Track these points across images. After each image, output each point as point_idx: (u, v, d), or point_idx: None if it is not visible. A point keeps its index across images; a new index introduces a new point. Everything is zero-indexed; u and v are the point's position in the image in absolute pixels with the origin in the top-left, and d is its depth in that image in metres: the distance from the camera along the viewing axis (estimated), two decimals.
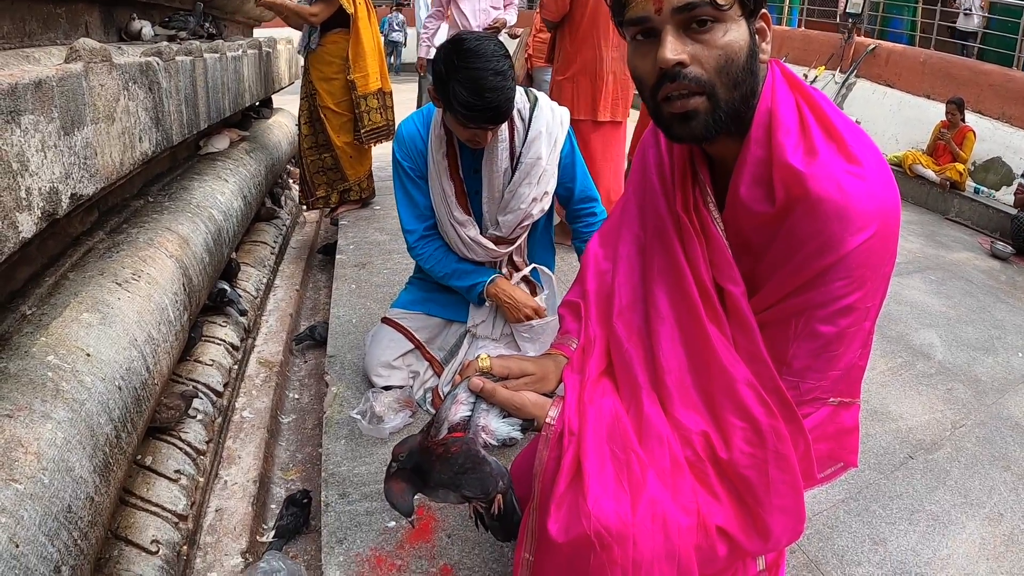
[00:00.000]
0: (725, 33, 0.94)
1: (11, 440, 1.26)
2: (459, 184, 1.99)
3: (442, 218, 2.04)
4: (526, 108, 1.93)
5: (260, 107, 4.61)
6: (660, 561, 1.02)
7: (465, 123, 1.73)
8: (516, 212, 1.96)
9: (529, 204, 1.96)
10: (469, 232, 2.01)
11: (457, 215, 2.00)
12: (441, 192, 1.99)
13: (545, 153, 1.93)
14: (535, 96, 1.98)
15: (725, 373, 1.07)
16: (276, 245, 3.82)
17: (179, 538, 1.75)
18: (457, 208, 1.99)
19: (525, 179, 1.94)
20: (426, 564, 1.62)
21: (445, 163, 1.97)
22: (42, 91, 1.40)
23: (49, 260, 1.89)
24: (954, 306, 3.59)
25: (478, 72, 1.64)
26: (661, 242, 1.19)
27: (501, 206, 1.99)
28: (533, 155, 1.92)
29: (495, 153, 1.91)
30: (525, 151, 1.92)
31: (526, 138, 1.92)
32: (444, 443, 1.14)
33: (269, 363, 2.75)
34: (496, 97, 1.66)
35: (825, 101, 1.04)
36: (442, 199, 2.00)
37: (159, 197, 2.55)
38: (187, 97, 2.41)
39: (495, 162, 1.92)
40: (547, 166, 1.95)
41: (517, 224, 1.99)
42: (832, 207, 0.94)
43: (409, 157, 2.03)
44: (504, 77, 1.67)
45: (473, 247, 2.03)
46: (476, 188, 2.01)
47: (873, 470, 2.09)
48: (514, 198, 1.95)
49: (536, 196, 1.96)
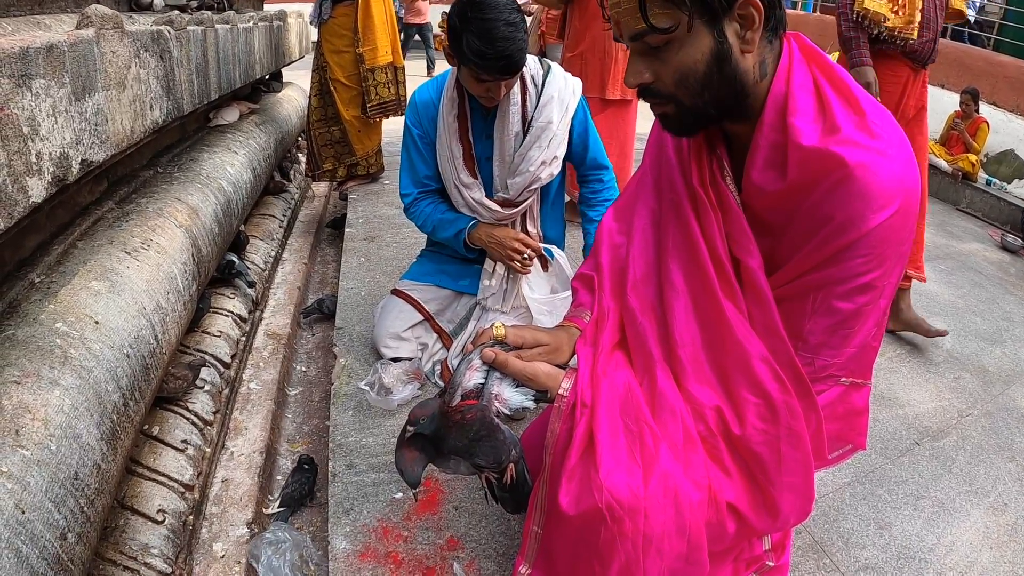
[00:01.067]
0: (679, 51, 0.99)
1: (18, 406, 1.26)
2: (468, 147, 2.01)
3: (448, 180, 2.05)
4: (539, 74, 1.96)
5: (270, 80, 4.59)
6: (671, 536, 1.02)
7: (478, 74, 1.75)
8: (525, 175, 1.97)
9: (538, 167, 1.97)
10: (474, 195, 2.02)
11: (463, 177, 2.01)
12: (449, 154, 2.01)
13: (556, 118, 1.95)
14: (548, 64, 2.00)
15: (740, 348, 1.06)
16: (285, 218, 3.81)
17: (185, 508, 1.76)
18: (464, 171, 2.01)
19: (535, 142, 1.95)
20: (433, 536, 1.62)
21: (456, 125, 1.98)
22: (53, 56, 1.39)
23: (58, 229, 1.89)
24: (963, 296, 3.57)
25: (491, 22, 1.67)
26: (676, 216, 1.19)
27: (511, 169, 2.00)
28: (544, 119, 1.95)
29: (507, 116, 1.93)
30: (537, 115, 1.95)
31: (538, 103, 1.95)
32: (460, 410, 1.13)
33: (277, 335, 2.75)
34: (508, 46, 1.69)
35: (846, 75, 1.03)
36: (449, 160, 2.01)
37: (168, 168, 2.54)
38: (198, 67, 2.39)
39: (507, 125, 1.95)
40: (557, 131, 1.97)
41: (525, 187, 2.00)
42: (856, 184, 0.94)
43: (419, 124, 2.05)
44: (516, 28, 1.70)
45: (478, 209, 2.04)
46: (487, 154, 2.02)
47: (879, 455, 2.09)
48: (524, 161, 1.97)
49: (545, 160, 1.97)
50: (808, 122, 0.99)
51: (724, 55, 0.98)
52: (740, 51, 0.99)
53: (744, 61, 1.00)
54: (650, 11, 0.95)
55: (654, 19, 0.96)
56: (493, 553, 1.58)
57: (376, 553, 1.57)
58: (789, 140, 0.99)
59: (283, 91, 4.64)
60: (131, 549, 1.56)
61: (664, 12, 0.95)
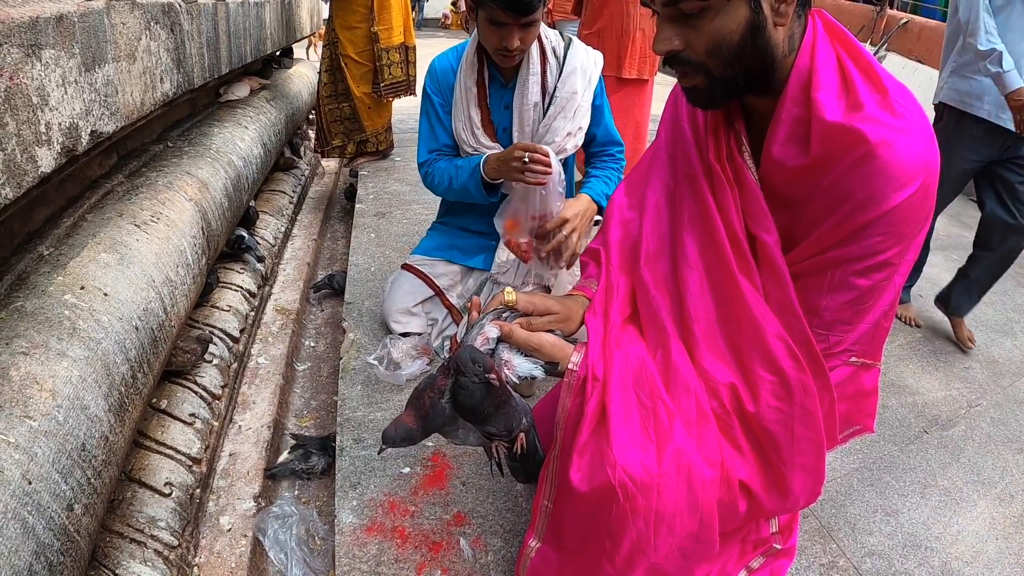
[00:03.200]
0: (714, 19, 0.96)
1: (26, 377, 1.25)
2: (487, 114, 1.99)
3: (466, 147, 2.02)
4: (560, 46, 1.96)
5: (281, 56, 4.56)
6: (682, 514, 1.02)
7: (493, 14, 1.71)
8: (550, 146, 1.93)
9: (564, 138, 1.96)
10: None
11: (485, 141, 1.99)
12: (467, 119, 1.98)
13: (580, 88, 1.95)
14: (569, 37, 1.99)
15: (755, 324, 1.05)
16: (295, 194, 3.80)
17: (192, 481, 1.76)
18: (483, 135, 1.99)
19: (560, 112, 1.94)
20: (440, 511, 1.63)
21: (475, 90, 1.97)
22: (63, 26, 1.37)
23: (68, 202, 1.88)
24: None
25: None
26: (692, 191, 1.18)
27: (532, 139, 1.98)
28: (568, 90, 1.93)
29: (526, 86, 1.92)
30: (560, 86, 1.93)
31: (560, 74, 1.94)
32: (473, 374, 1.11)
33: (286, 311, 2.75)
34: None
35: (868, 54, 1.01)
36: (466, 127, 1.99)
37: (179, 142, 2.53)
38: (209, 40, 2.37)
39: (526, 95, 1.93)
40: (582, 101, 1.96)
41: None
42: (877, 162, 0.92)
43: (439, 91, 2.03)
44: None
45: None
46: (504, 124, 2.01)
47: (888, 442, 2.08)
48: (549, 132, 1.95)
49: (571, 131, 1.96)
50: (832, 98, 0.97)
51: (759, 26, 0.96)
52: (774, 23, 0.97)
53: (776, 34, 0.98)
54: None
55: None
56: (500, 529, 1.59)
57: (383, 527, 1.58)
58: (813, 115, 0.98)
59: (294, 67, 4.61)
60: (138, 521, 1.57)
61: None
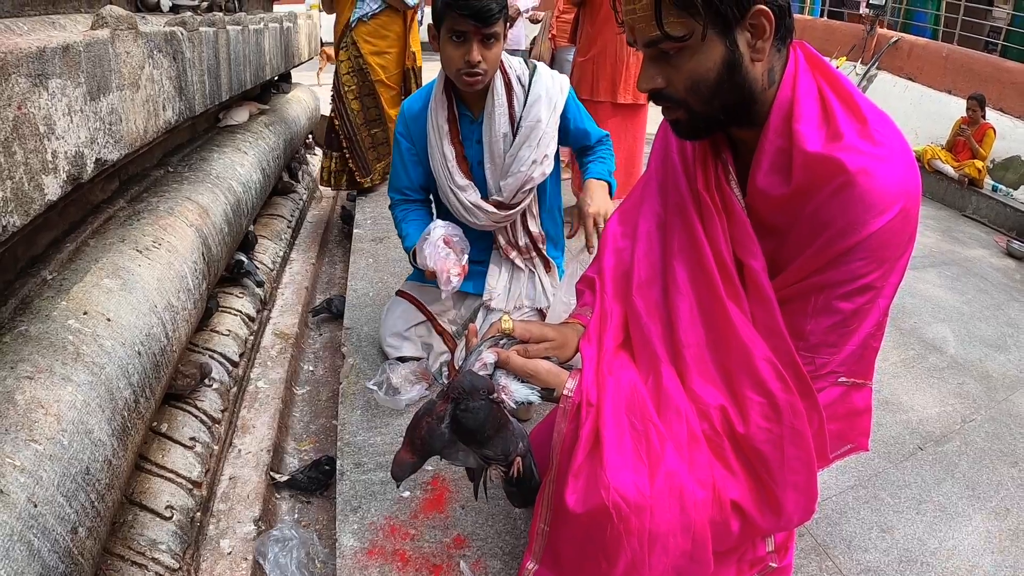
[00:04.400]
0: (691, 58, 1.01)
1: (31, 401, 1.27)
2: (460, 150, 2.01)
3: (443, 185, 2.04)
4: (525, 75, 1.96)
5: (279, 81, 4.61)
6: (676, 534, 1.04)
7: (455, 22, 1.74)
8: (516, 175, 1.97)
9: (529, 167, 1.96)
10: (470, 197, 2.01)
11: (458, 179, 2.00)
12: (441, 157, 2.00)
13: (545, 116, 1.95)
14: (534, 64, 2.00)
15: (743, 348, 1.08)
16: (293, 219, 3.83)
17: (193, 504, 1.77)
18: (458, 172, 2.00)
19: (525, 142, 1.95)
20: (439, 534, 1.64)
21: (447, 127, 1.98)
22: (69, 56, 1.41)
23: (70, 227, 1.91)
24: (968, 302, 3.57)
25: None
26: (682, 219, 1.21)
27: (503, 170, 2.00)
28: (533, 118, 1.94)
29: (493, 117, 1.93)
30: (525, 115, 1.94)
31: (526, 102, 1.95)
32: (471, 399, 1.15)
33: (284, 335, 2.77)
34: None
35: (849, 83, 1.05)
36: (442, 164, 2.00)
37: (179, 167, 2.56)
38: (210, 68, 2.41)
39: (494, 127, 1.94)
40: (547, 129, 1.96)
41: (518, 188, 1.99)
42: (856, 190, 0.96)
43: (408, 136, 2.06)
44: None
45: (475, 211, 2.02)
46: (477, 158, 2.03)
47: (883, 459, 2.09)
48: (515, 161, 1.97)
49: (536, 159, 1.96)
50: (812, 128, 1.01)
51: (735, 63, 1.00)
52: (751, 60, 1.01)
53: (754, 69, 1.02)
54: (665, 19, 0.97)
55: (669, 27, 0.98)
56: (499, 552, 1.60)
57: (383, 551, 1.58)
58: (794, 145, 1.02)
59: (292, 92, 4.67)
60: (139, 544, 1.58)
61: (679, 21, 0.97)
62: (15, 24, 1.67)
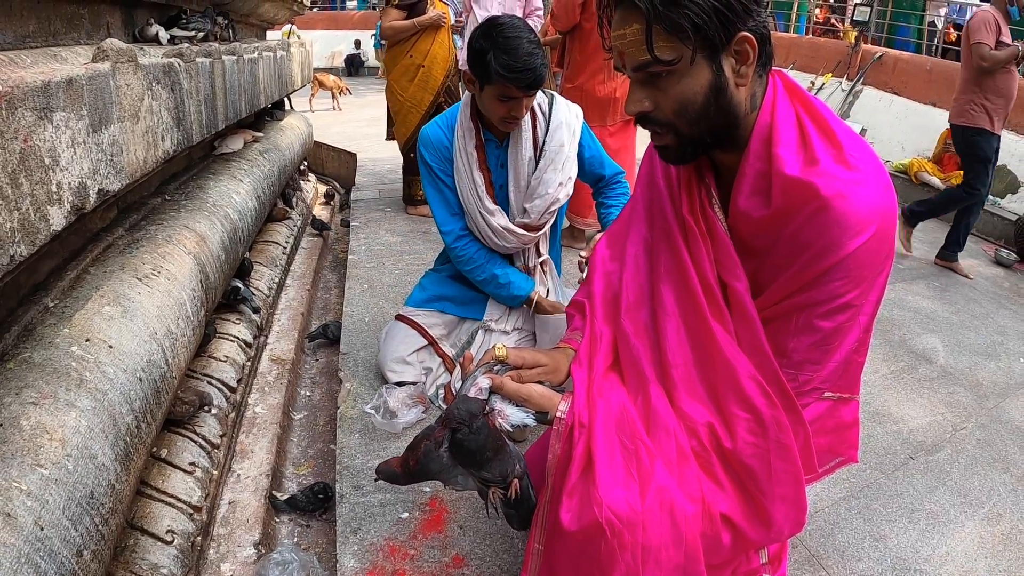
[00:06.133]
0: (679, 82, 1.04)
1: (37, 426, 1.29)
2: (488, 175, 2.09)
3: (472, 210, 2.11)
4: (545, 103, 2.07)
5: (273, 109, 4.66)
6: (668, 547, 1.07)
7: (506, 90, 1.84)
8: (544, 197, 2.06)
9: (556, 189, 2.06)
10: (500, 221, 2.08)
11: (488, 204, 2.08)
12: (471, 184, 2.07)
13: (567, 141, 2.06)
14: (551, 93, 2.10)
15: (729, 366, 1.12)
16: (287, 245, 3.86)
17: (194, 529, 1.79)
18: (487, 198, 2.08)
19: (550, 165, 2.05)
20: (438, 554, 1.66)
21: (476, 155, 2.06)
22: (73, 89, 1.44)
23: (71, 255, 1.94)
24: (957, 312, 3.62)
25: (516, 40, 1.80)
26: (667, 243, 1.25)
27: (528, 194, 2.08)
28: (556, 143, 2.04)
29: (520, 143, 2.03)
30: (548, 140, 2.04)
31: (547, 128, 2.04)
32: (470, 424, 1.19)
33: (281, 360, 2.79)
34: (534, 60, 1.81)
35: (825, 109, 1.10)
36: (471, 191, 2.08)
37: (176, 196, 2.59)
38: (206, 98, 2.45)
39: (520, 152, 2.03)
40: (569, 152, 2.07)
41: (545, 209, 2.08)
42: (833, 213, 1.00)
43: (437, 159, 2.12)
44: (537, 45, 1.83)
45: (504, 235, 2.10)
46: (500, 182, 2.10)
47: (874, 470, 2.12)
48: (540, 184, 2.06)
49: (562, 181, 2.07)
50: (791, 152, 1.05)
51: (721, 87, 1.05)
52: (735, 84, 1.06)
53: (738, 93, 1.07)
54: (656, 44, 1.01)
55: (659, 51, 1.02)
56: (497, 571, 1.62)
57: (383, 571, 1.60)
58: (773, 168, 1.06)
59: (285, 119, 4.71)
60: (141, 568, 1.59)
61: (669, 45, 1.01)
62: (19, 57, 1.71)
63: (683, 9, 0.98)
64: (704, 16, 0.98)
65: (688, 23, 0.98)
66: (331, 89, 11.03)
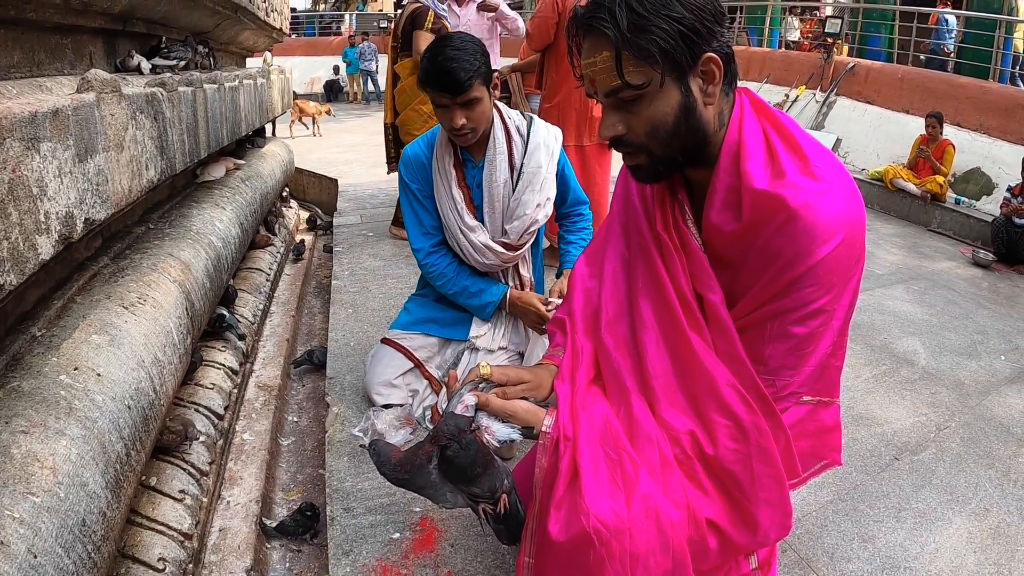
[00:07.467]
0: (650, 104, 1.08)
1: (27, 455, 1.29)
2: (467, 192, 2.12)
3: (452, 227, 2.14)
4: (523, 125, 2.11)
5: (254, 136, 4.68)
6: (655, 553, 1.09)
7: (434, 95, 1.91)
8: (522, 218, 2.10)
9: (534, 210, 2.10)
10: (480, 237, 2.11)
11: (468, 220, 2.11)
12: (451, 201, 2.11)
13: (545, 162, 2.09)
14: (530, 116, 2.15)
15: (708, 375, 1.15)
16: (271, 272, 3.86)
17: (185, 556, 1.78)
18: (467, 214, 2.11)
19: (528, 187, 2.08)
20: (431, 573, 1.66)
21: (453, 173, 2.10)
22: (59, 119, 1.46)
23: (57, 284, 1.94)
24: (937, 314, 3.67)
25: (440, 48, 1.87)
26: (644, 259, 1.29)
27: (507, 215, 2.12)
28: (534, 165, 2.08)
29: (494, 165, 2.06)
30: (527, 162, 2.08)
31: (526, 150, 2.08)
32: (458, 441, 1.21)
33: (268, 387, 2.79)
34: (448, 64, 1.84)
35: (791, 123, 1.15)
36: (451, 208, 2.11)
37: (160, 224, 2.60)
38: (189, 127, 2.47)
39: (494, 173, 2.07)
40: (547, 174, 2.11)
41: (524, 230, 2.12)
42: (801, 223, 1.04)
43: (416, 179, 2.16)
44: (462, 52, 1.86)
45: (484, 251, 2.12)
46: (477, 202, 2.14)
47: (860, 472, 2.15)
48: (519, 205, 2.09)
49: (540, 202, 2.11)
50: (759, 167, 1.10)
51: (690, 107, 1.09)
52: (703, 103, 1.10)
53: (707, 112, 1.11)
54: (625, 69, 1.05)
55: (629, 76, 1.06)
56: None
57: None
58: (743, 183, 1.10)
59: (267, 146, 4.73)
60: None
61: (638, 70, 1.05)
62: (4, 87, 1.72)
63: (650, 35, 1.02)
64: (671, 40, 1.02)
65: (656, 48, 1.02)
66: (312, 115, 11.05)
